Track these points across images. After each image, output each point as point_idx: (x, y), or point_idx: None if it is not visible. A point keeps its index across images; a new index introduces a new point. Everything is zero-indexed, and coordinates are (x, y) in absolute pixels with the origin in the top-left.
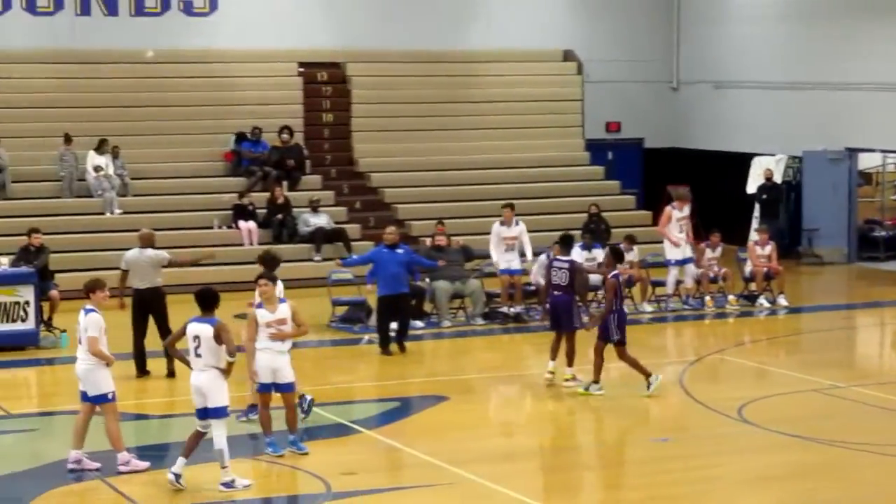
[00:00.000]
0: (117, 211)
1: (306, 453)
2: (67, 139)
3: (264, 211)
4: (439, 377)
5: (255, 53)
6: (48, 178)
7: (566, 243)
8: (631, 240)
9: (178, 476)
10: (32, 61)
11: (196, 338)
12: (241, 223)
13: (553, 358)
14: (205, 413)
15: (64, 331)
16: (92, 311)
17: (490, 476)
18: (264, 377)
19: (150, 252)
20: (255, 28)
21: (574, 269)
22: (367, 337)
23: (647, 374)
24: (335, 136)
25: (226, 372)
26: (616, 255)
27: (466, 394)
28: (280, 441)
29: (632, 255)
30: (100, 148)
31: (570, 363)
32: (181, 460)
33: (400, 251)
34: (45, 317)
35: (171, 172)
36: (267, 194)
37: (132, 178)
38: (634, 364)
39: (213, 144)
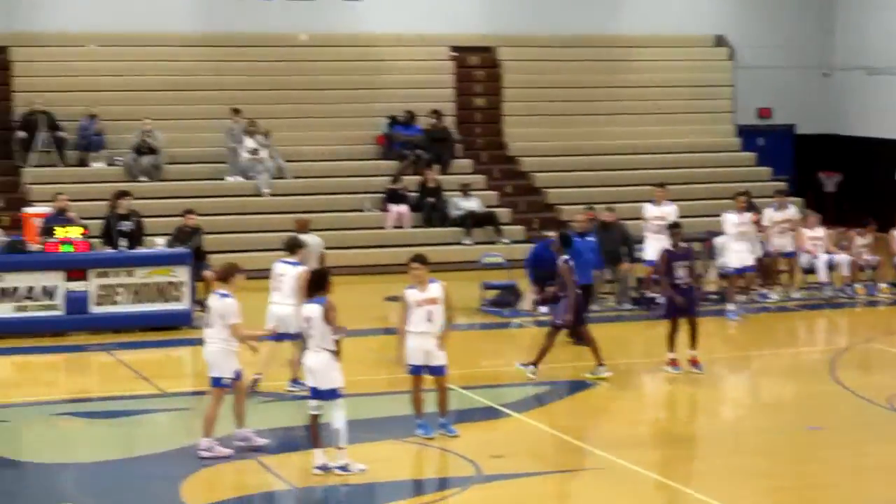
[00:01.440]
0: (269, 192)
1: (456, 436)
2: (235, 111)
3: (416, 194)
4: (589, 361)
5: (408, 37)
6: (203, 160)
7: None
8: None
9: (324, 467)
10: (187, 44)
11: (308, 319)
12: (393, 206)
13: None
14: (316, 393)
15: None
16: (227, 295)
17: (640, 462)
18: (417, 359)
19: (313, 237)
20: (408, 12)
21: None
22: (517, 321)
23: (601, 362)
24: (486, 121)
25: (336, 353)
26: (564, 240)
27: (616, 379)
28: (431, 423)
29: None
30: (252, 130)
31: (693, 346)
32: (317, 453)
33: (590, 238)
34: (199, 297)
35: (324, 155)
36: (418, 178)
37: (286, 161)
38: (593, 345)
39: (365, 128)
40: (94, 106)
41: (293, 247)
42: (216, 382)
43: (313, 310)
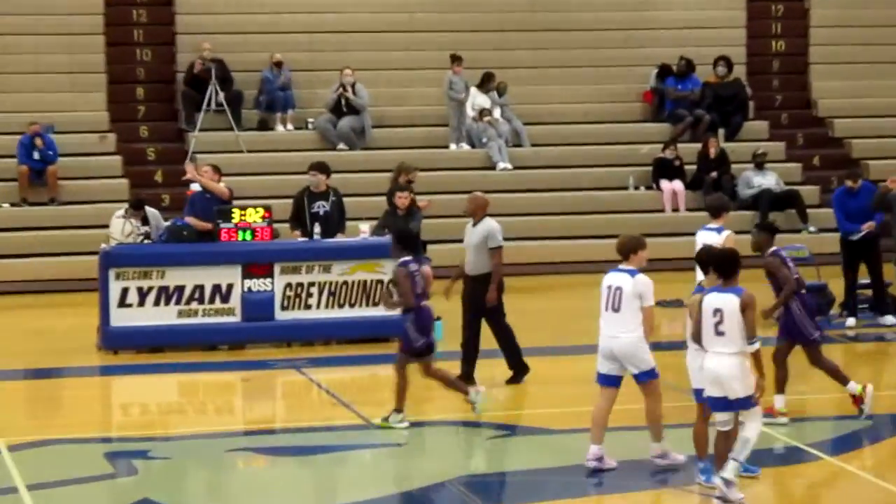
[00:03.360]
0: (504, 165)
1: (755, 476)
2: (455, 59)
3: (694, 167)
4: None
5: None
6: (419, 123)
7: None
8: None
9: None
10: None
11: (717, 311)
12: (664, 183)
13: None
14: (726, 405)
15: (438, 318)
16: (636, 272)
17: None
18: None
19: (489, 222)
20: None
21: None
22: (827, 334)
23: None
24: (787, 70)
25: (754, 356)
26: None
27: None
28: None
29: None
30: (483, 84)
31: None
32: (716, 477)
33: None
34: None
35: (574, 116)
36: (697, 146)
37: (525, 124)
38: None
39: (628, 80)
40: (279, 52)
41: (717, 209)
42: (649, 376)
43: (727, 301)
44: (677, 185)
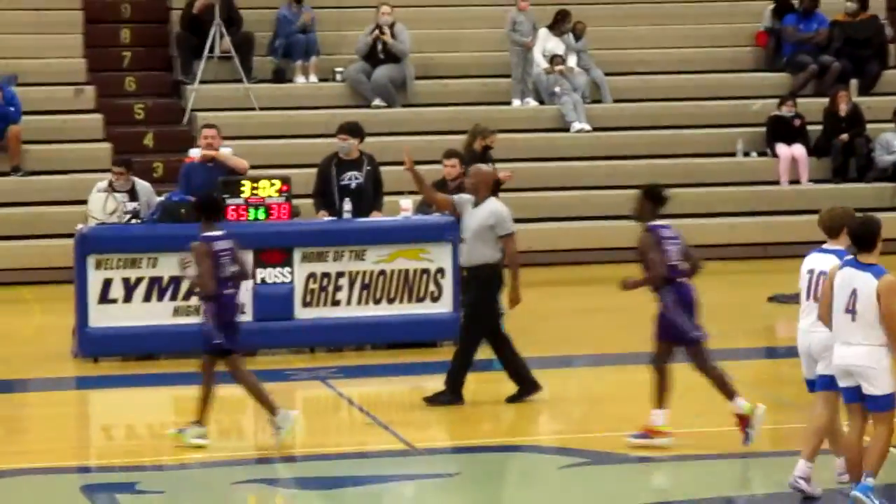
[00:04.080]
0: (581, 126)
1: None
2: None
3: (819, 128)
4: None
5: None
6: (473, 74)
7: None
8: None
9: None
10: None
11: None
12: (781, 147)
13: None
14: None
15: None
16: (842, 252)
17: None
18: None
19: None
20: None
21: None
22: None
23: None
24: None
25: None
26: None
27: None
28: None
29: None
30: (556, 25)
31: None
32: None
33: None
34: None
35: (667, 65)
36: (824, 101)
37: (606, 74)
38: None
39: (735, 18)
40: None
41: None
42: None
43: None
44: (798, 149)
